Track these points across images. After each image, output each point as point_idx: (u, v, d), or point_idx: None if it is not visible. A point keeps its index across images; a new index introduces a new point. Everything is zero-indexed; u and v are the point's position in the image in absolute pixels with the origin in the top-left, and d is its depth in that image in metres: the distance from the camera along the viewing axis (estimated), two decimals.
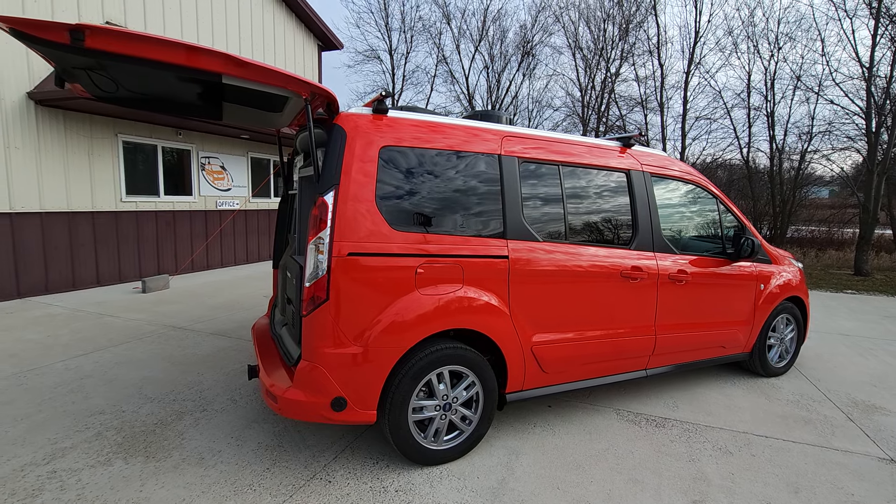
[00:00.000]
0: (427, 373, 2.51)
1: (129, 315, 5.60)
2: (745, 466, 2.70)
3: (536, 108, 22.29)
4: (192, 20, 8.61)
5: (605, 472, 2.61)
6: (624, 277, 3.10)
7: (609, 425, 3.16)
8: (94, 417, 3.07)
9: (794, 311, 4.15)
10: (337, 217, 2.31)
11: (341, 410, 2.36)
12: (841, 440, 3.04)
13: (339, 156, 2.36)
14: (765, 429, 3.16)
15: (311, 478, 2.49)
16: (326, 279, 2.29)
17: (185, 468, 2.54)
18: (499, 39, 21.24)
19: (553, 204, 2.95)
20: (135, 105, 3.20)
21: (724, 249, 3.73)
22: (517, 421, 3.17)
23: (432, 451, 2.60)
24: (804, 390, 3.85)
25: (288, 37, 11.05)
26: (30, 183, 6.34)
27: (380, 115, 2.54)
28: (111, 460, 2.60)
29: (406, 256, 2.43)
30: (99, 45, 1.94)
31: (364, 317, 2.36)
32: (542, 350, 2.85)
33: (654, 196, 3.37)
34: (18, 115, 6.20)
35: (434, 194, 2.56)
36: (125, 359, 4.13)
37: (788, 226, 16.92)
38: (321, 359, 2.32)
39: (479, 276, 2.62)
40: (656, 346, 3.32)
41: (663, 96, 14.40)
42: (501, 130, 2.85)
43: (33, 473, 2.46)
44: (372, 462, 2.65)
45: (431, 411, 2.58)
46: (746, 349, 3.93)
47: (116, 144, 7.43)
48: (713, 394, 3.72)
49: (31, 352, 4.26)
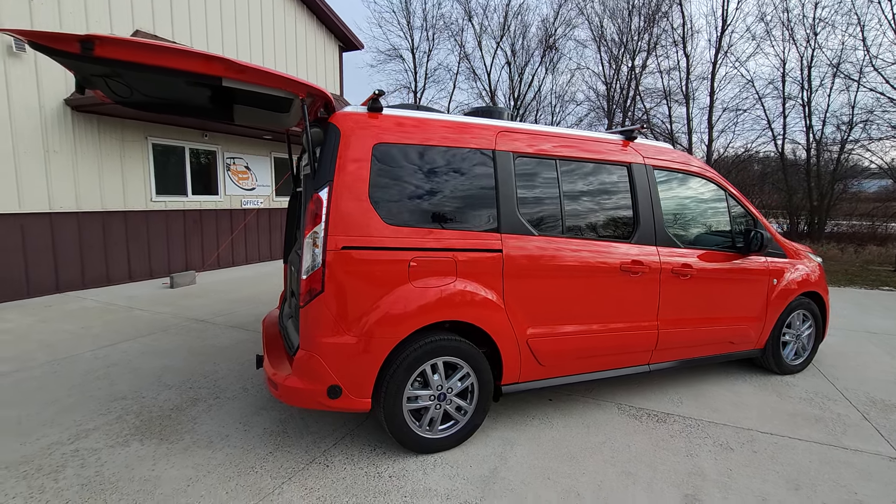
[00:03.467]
0: (421, 363, 2.58)
1: (156, 308, 5.90)
2: (745, 463, 2.66)
3: (559, 103, 22.02)
4: (217, 25, 8.93)
5: (598, 465, 2.62)
6: (624, 271, 3.09)
7: (609, 419, 3.16)
8: (116, 402, 3.28)
9: (811, 306, 4.02)
10: (331, 212, 2.40)
11: (337, 398, 2.45)
12: (852, 439, 2.94)
13: (334, 153, 2.45)
14: (771, 426, 3.09)
15: (310, 462, 2.60)
16: (322, 272, 2.39)
17: (195, 450, 2.69)
18: (521, 35, 21.08)
19: (550, 198, 2.96)
20: (153, 109, 3.39)
21: (734, 243, 3.65)
22: (516, 413, 3.21)
23: (427, 439, 2.67)
24: (820, 388, 3.74)
25: (309, 38, 11.30)
26: (67, 184, 6.74)
27: (374, 113, 2.62)
28: (129, 441, 2.78)
29: (399, 250, 2.50)
30: (107, 54, 2.09)
31: (358, 308, 2.44)
32: (538, 343, 2.87)
33: (657, 189, 3.33)
34: (56, 121, 6.60)
35: (427, 189, 2.62)
36: (149, 349, 4.37)
37: (827, 220, 16.19)
38: (317, 348, 2.42)
39: (472, 269, 2.66)
40: (659, 342, 3.29)
41: (689, 88, 13.99)
42: (497, 126, 2.88)
43: (59, 451, 2.66)
44: (370, 449, 2.74)
45: (426, 401, 2.65)
46: (758, 346, 3.84)
47: (146, 147, 7.80)
48: (721, 390, 3.66)
49: (65, 342, 4.55)
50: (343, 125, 2.50)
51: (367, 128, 2.53)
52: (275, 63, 10.28)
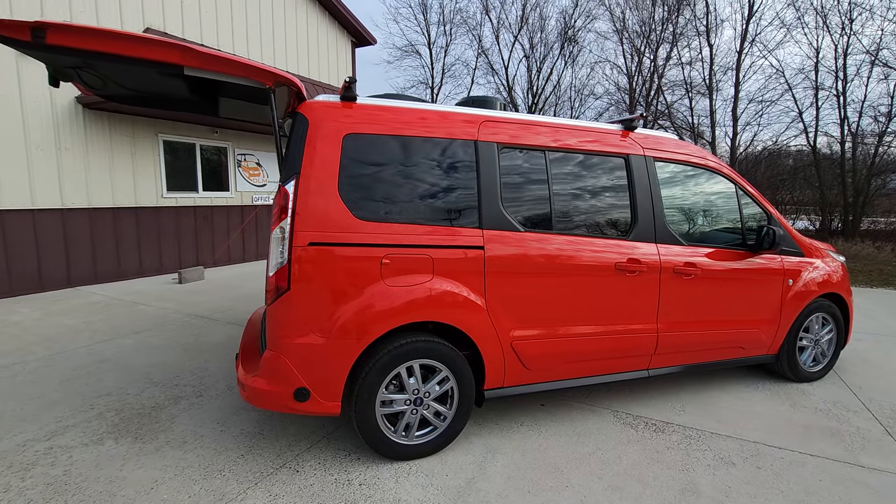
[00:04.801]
0: (395, 366, 2.45)
1: (159, 304, 5.94)
2: (746, 480, 2.44)
3: (578, 98, 21.54)
4: (228, 22, 8.96)
5: (584, 478, 2.44)
6: (619, 270, 2.89)
7: (602, 427, 2.97)
8: (100, 399, 3.25)
9: (832, 309, 3.72)
10: (298, 206, 2.29)
11: (304, 401, 2.34)
12: (871, 456, 2.68)
13: (301, 144, 2.33)
14: (780, 439, 2.85)
15: (280, 466, 2.50)
16: (288, 268, 2.28)
17: (167, 451, 2.63)
18: (539, 28, 20.67)
19: (538, 192, 2.78)
20: (138, 102, 3.34)
21: (745, 241, 3.40)
22: (504, 419, 3.05)
23: (403, 445, 2.54)
24: (839, 398, 3.45)
25: (321, 34, 11.28)
26: (78, 181, 6.86)
27: (348, 102, 2.49)
28: (103, 440, 2.74)
29: (371, 246, 2.37)
30: (60, 42, 2.02)
31: (326, 307, 2.33)
32: (524, 346, 2.71)
33: (658, 183, 3.10)
34: (68, 119, 6.72)
35: (401, 182, 2.48)
36: (143, 345, 4.37)
37: (862, 217, 15.35)
38: (284, 349, 2.32)
39: (451, 267, 2.51)
40: (658, 345, 3.07)
41: (712, 79, 13.39)
42: (480, 115, 2.72)
43: (32, 448, 2.64)
44: (345, 454, 2.62)
45: (402, 405, 2.52)
46: (772, 351, 3.57)
47: (157, 144, 7.88)
48: (729, 398, 3.41)
49: (65, 336, 4.60)
50: (311, 115, 2.37)
51: (337, 118, 2.41)
52: (286, 60, 10.28)
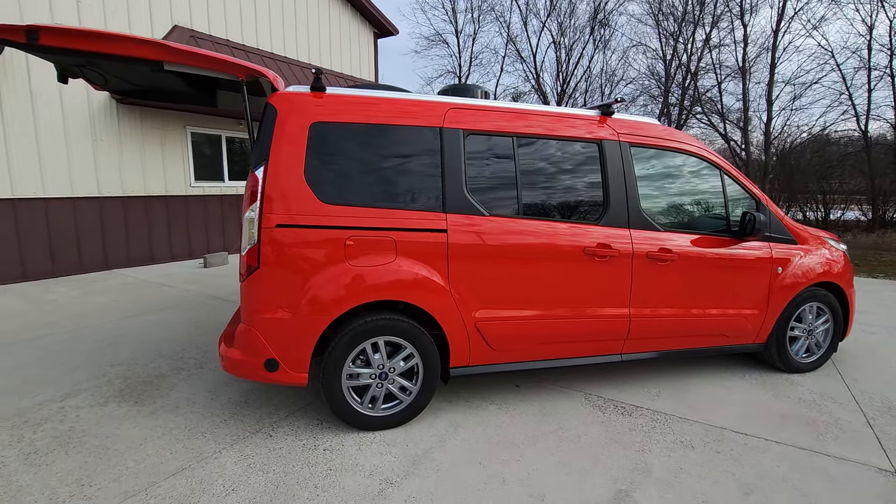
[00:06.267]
0: (360, 342, 2.60)
1: (184, 286, 6.36)
2: (701, 462, 2.46)
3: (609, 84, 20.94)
4: (251, 17, 9.30)
5: (537, 454, 2.53)
6: (588, 255, 2.92)
7: (570, 408, 3.03)
8: (113, 368, 3.59)
9: (828, 299, 3.60)
10: (266, 190, 2.46)
11: (274, 371, 2.54)
12: (841, 446, 2.63)
13: (270, 132, 2.50)
14: (750, 427, 2.82)
15: (257, 431, 2.72)
16: (257, 248, 2.46)
17: (161, 414, 2.90)
18: (569, 13, 20.18)
19: (504, 177, 2.85)
20: (142, 96, 3.61)
21: (729, 227, 3.34)
22: (475, 397, 3.16)
23: (368, 416, 2.70)
24: (829, 389, 3.35)
25: (343, 26, 11.49)
26: (113, 171, 7.37)
27: (318, 92, 2.63)
28: (108, 402, 3.04)
29: (335, 229, 2.52)
30: (51, 42, 2.25)
31: (293, 285, 2.50)
32: (488, 326, 2.80)
33: (633, 168, 3.10)
34: (103, 113, 7.22)
35: (366, 168, 2.61)
36: (162, 321, 4.73)
37: None
38: (255, 323, 2.51)
39: (414, 249, 2.63)
40: (631, 331, 3.09)
41: (745, 60, 12.70)
42: (447, 103, 2.80)
43: (47, 407, 2.97)
44: (317, 423, 2.82)
45: (367, 379, 2.68)
46: (759, 340, 3.50)
47: (185, 136, 8.34)
48: (710, 386, 3.38)
49: (95, 313, 5.03)
50: (280, 105, 2.53)
51: (304, 107, 2.55)
52: (308, 52, 10.56)
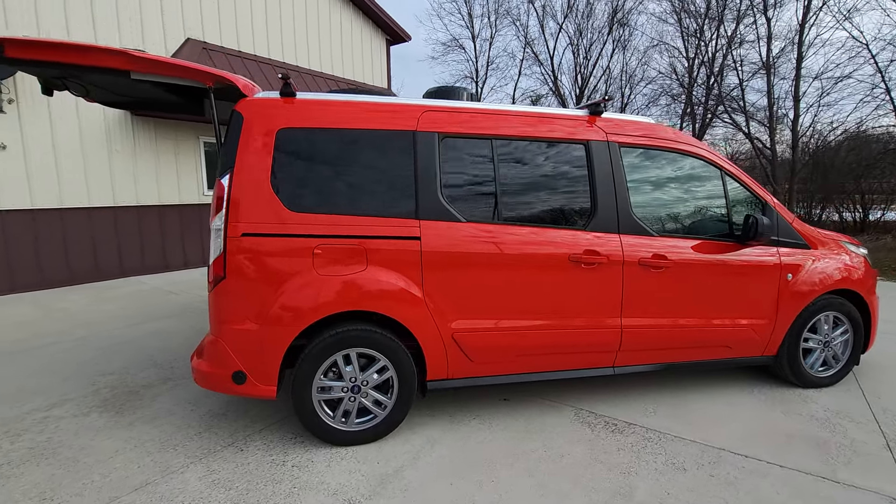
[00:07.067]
0: (330, 354, 2.51)
1: (192, 293, 6.44)
2: (690, 487, 2.26)
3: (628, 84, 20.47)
4: (263, 27, 9.45)
5: (514, 474, 2.38)
6: (574, 262, 2.76)
7: (558, 425, 2.86)
8: (103, 377, 3.61)
9: (846, 308, 3.32)
10: (232, 199, 2.41)
11: (242, 384, 2.47)
12: (853, 471, 2.38)
13: (236, 140, 2.45)
14: (752, 448, 2.60)
15: (229, 444, 2.66)
16: (223, 258, 2.41)
17: (138, 425, 2.88)
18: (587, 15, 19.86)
19: (483, 181, 2.73)
20: (130, 107, 3.64)
21: (732, 231, 3.12)
22: (459, 411, 3.03)
23: (341, 431, 2.60)
24: (846, 406, 3.08)
25: (355, 34, 11.58)
26: (128, 181, 7.57)
27: (288, 98, 2.58)
28: (90, 413, 3.04)
29: (302, 237, 2.45)
30: (18, 55, 2.26)
31: (259, 295, 2.43)
32: (466, 338, 2.67)
33: (623, 170, 2.92)
34: (119, 125, 7.42)
35: (335, 174, 2.53)
36: (161, 329, 4.78)
37: None
38: (222, 334, 2.46)
39: (386, 257, 2.53)
40: (623, 342, 2.91)
41: (770, 55, 12.14)
42: (422, 105, 2.70)
43: (31, 417, 2.99)
44: (291, 437, 2.74)
45: (339, 392, 2.59)
46: (768, 352, 3.25)
47: (199, 146, 8.51)
48: (712, 402, 3.16)
49: (102, 321, 5.12)
50: (246, 112, 2.48)
51: (271, 113, 2.50)
52: (320, 61, 10.67)
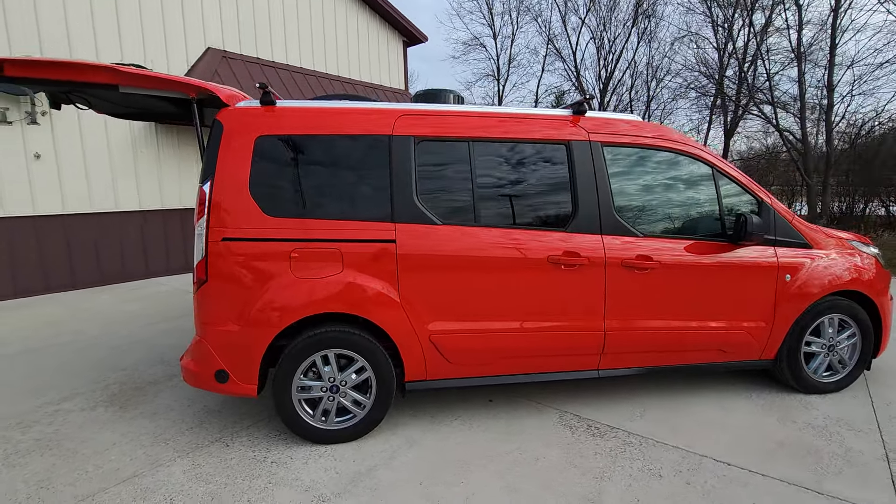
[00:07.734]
0: (308, 354, 2.59)
1: None
2: (665, 495, 2.21)
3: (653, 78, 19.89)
4: (281, 34, 9.70)
5: (487, 476, 2.38)
6: (553, 264, 2.74)
7: (539, 427, 2.85)
8: (115, 373, 3.82)
9: (853, 310, 3.15)
10: (212, 205, 2.51)
11: (224, 382, 2.57)
12: (841, 483, 2.27)
13: (216, 148, 2.54)
14: (737, 456, 2.51)
15: (216, 440, 2.77)
16: (205, 262, 2.51)
17: (138, 420, 3.04)
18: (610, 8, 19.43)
19: (460, 184, 2.74)
20: (130, 117, 3.82)
21: (724, 231, 3.02)
22: (441, 412, 3.05)
23: (320, 430, 2.67)
24: (849, 413, 2.93)
25: (372, 37, 11.73)
26: (153, 186, 7.93)
27: (268, 106, 2.66)
28: (97, 407, 3.23)
29: (279, 241, 2.53)
30: (16, 73, 2.42)
31: (239, 298, 2.53)
32: (443, 340, 2.69)
33: (606, 170, 2.87)
34: (143, 132, 7.79)
35: (312, 179, 2.60)
36: (174, 329, 5.00)
37: None
38: (205, 334, 2.57)
39: (362, 260, 2.58)
40: (607, 345, 2.86)
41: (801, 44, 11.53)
42: (397, 110, 2.74)
43: (42, 410, 3.20)
44: (275, 434, 2.83)
45: (318, 392, 2.65)
46: (766, 356, 3.13)
47: None
48: (705, 406, 3.06)
49: (123, 320, 5.40)
50: (226, 120, 2.58)
51: (250, 122, 2.59)
52: (337, 65, 10.86)
